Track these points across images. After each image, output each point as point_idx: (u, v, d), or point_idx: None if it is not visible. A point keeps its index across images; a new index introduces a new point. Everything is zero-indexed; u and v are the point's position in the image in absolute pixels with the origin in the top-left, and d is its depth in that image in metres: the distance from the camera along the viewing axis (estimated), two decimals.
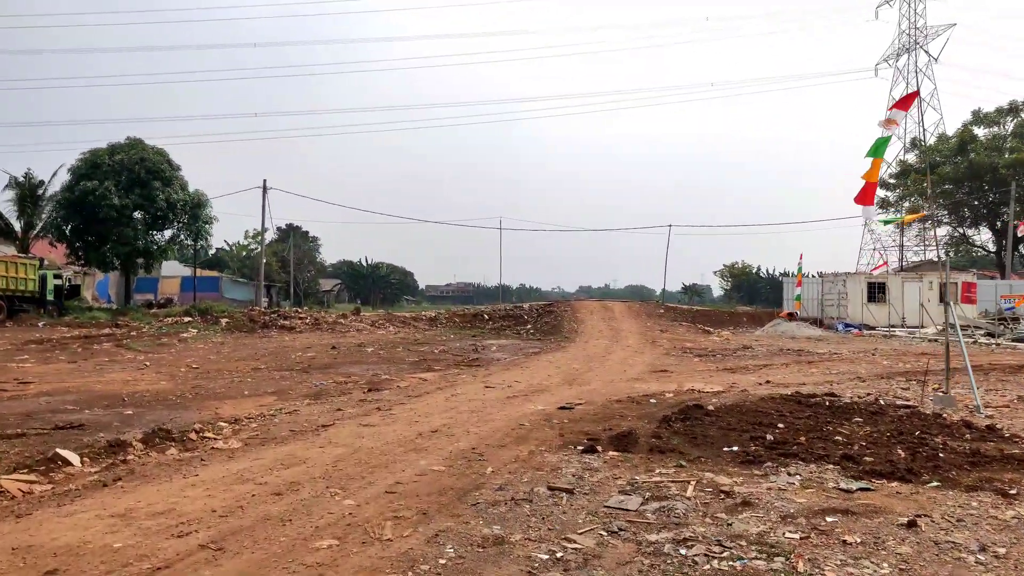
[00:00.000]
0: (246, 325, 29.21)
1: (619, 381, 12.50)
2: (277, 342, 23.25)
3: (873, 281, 32.18)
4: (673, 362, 15.97)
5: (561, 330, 28.46)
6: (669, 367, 14.80)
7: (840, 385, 11.79)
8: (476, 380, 12.67)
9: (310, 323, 30.91)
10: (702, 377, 13.13)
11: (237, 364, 16.34)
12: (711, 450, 6.62)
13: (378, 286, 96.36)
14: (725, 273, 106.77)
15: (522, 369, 14.51)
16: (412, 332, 29.54)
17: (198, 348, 21.10)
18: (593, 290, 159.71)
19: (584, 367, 14.92)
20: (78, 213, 35.39)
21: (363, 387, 11.89)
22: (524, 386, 11.73)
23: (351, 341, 23.52)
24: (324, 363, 16.41)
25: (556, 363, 15.82)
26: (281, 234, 74.29)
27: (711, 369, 14.35)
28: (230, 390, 11.78)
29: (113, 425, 8.50)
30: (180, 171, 38.30)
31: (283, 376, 13.77)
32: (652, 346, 21.39)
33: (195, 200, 37.96)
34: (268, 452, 6.75)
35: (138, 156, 36.40)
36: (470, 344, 23.54)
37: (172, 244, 38.43)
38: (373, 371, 14.94)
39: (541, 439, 7.14)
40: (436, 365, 16.03)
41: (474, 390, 11.22)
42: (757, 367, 14.55)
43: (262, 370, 15.02)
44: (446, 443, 6.98)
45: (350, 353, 18.96)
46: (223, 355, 18.78)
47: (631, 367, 14.87)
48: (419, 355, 18.66)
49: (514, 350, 21.14)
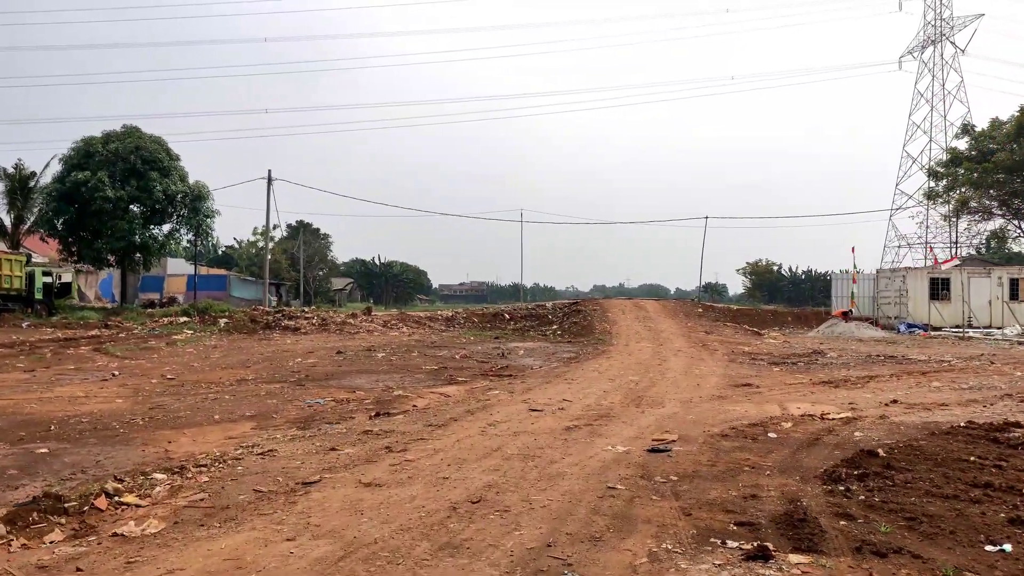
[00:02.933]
0: (246, 326, 26.61)
1: (700, 401, 9.68)
2: (276, 345, 20.60)
3: (936, 277, 29.07)
4: (749, 372, 13.11)
5: (593, 331, 25.62)
6: (749, 379, 11.95)
7: (996, 408, 8.92)
8: (514, 398, 9.89)
9: (316, 324, 28.24)
10: (800, 394, 10.30)
11: (222, 373, 13.67)
12: (956, 546, 3.83)
13: (391, 285, 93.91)
14: (748, 271, 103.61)
15: (566, 382, 11.71)
16: (428, 333, 26.83)
17: (185, 352, 18.48)
18: (608, 289, 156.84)
19: (643, 379, 12.11)
20: (70, 206, 32.96)
21: (369, 409, 9.14)
22: (579, 408, 8.94)
23: (360, 344, 20.82)
24: (325, 372, 13.71)
25: (605, 373, 13.01)
26: (291, 231, 71.83)
27: (804, 383, 11.49)
28: (198, 412, 9.08)
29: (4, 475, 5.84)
30: (179, 161, 35.81)
31: (272, 391, 11.06)
32: (706, 350, 18.52)
33: (195, 192, 35.43)
34: (200, 549, 4.00)
35: (133, 145, 33.91)
36: (493, 347, 20.79)
37: (171, 239, 35.92)
38: (383, 383, 12.22)
39: (656, 521, 4.33)
40: (459, 375, 13.28)
41: (516, 415, 8.44)
42: (860, 379, 11.68)
43: (249, 382, 12.33)
44: (498, 530, 4.20)
45: (357, 359, 16.25)
46: (210, 361, 16.13)
47: (702, 379, 12.03)
48: (438, 361, 15.91)
49: (545, 355, 18.36)
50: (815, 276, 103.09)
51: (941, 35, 62.25)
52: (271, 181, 35.28)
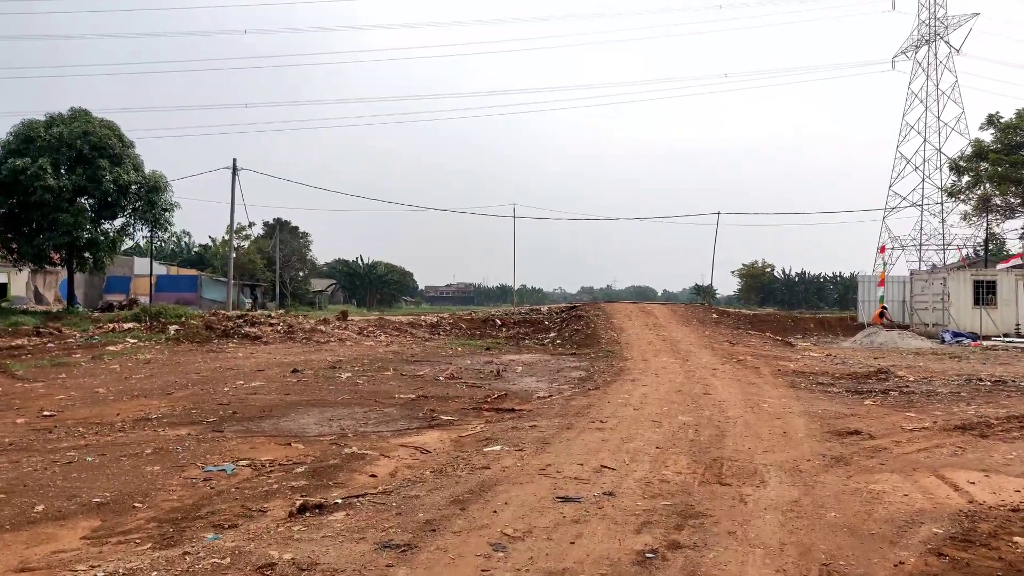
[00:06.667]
0: (199, 334, 23.03)
1: (812, 468, 6.30)
2: (225, 360, 17.09)
3: (981, 279, 25.93)
4: (834, 408, 9.72)
5: (598, 340, 22.24)
6: (846, 420, 8.60)
7: None
8: (526, 464, 6.47)
9: (282, 331, 24.70)
10: (945, 452, 6.97)
11: (127, 406, 10.18)
12: None
13: (375, 286, 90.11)
14: (743, 273, 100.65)
15: (596, 428, 8.29)
16: (409, 343, 23.36)
17: (106, 370, 14.95)
18: (596, 291, 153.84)
19: (699, 420, 8.73)
20: (8, 197, 29.18)
21: (296, 488, 5.70)
22: (635, 490, 5.55)
23: (325, 358, 17.35)
24: (264, 405, 10.23)
25: (643, 410, 9.62)
26: (268, 229, 67.96)
27: (929, 428, 8.13)
28: (22, 493, 5.63)
29: None
30: (133, 148, 32.09)
31: (170, 441, 7.58)
32: (746, 369, 15.19)
33: (151, 183, 31.68)
34: None
35: (81, 129, 30.09)
36: (485, 361, 17.39)
37: (123, 234, 32.19)
38: (338, 423, 8.78)
39: None
40: (444, 409, 9.85)
41: (538, 510, 5.01)
42: (1003, 422, 8.36)
43: (151, 423, 8.85)
44: None
45: (314, 382, 12.78)
46: (125, 385, 12.61)
47: (783, 421, 8.65)
48: (416, 385, 12.47)
49: (549, 373, 14.98)
50: (808, 278, 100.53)
51: (935, 34, 60.95)
52: (236, 171, 31.66)
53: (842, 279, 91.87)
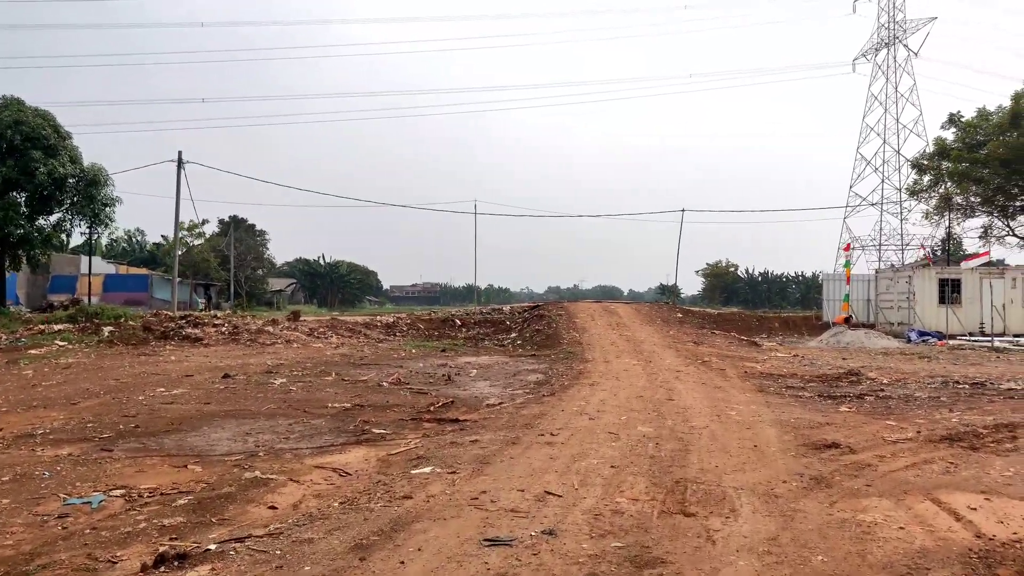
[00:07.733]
0: (136, 336, 21.55)
1: (788, 492, 5.41)
2: (153, 364, 15.77)
3: (946, 278, 25.63)
4: (808, 416, 8.90)
5: (560, 341, 21.35)
6: (822, 430, 7.77)
7: None
8: (457, 490, 5.47)
9: (227, 332, 23.32)
10: (935, 468, 6.16)
11: (15, 419, 8.92)
12: None
13: (337, 286, 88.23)
14: (707, 272, 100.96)
15: (545, 443, 7.32)
16: (361, 344, 22.19)
17: (20, 375, 13.59)
18: (563, 291, 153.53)
19: (661, 432, 7.82)
20: None
21: (160, 535, 4.60)
22: (580, 525, 4.59)
23: (264, 361, 16.15)
24: (177, 415, 9.06)
25: (600, 420, 8.68)
26: (223, 227, 65.83)
27: (913, 439, 7.33)
28: None
29: None
30: (71, 139, 30.30)
31: (43, 463, 6.40)
32: (711, 371, 14.39)
33: (90, 176, 29.95)
34: None
35: (12, 119, 28.26)
36: (439, 364, 16.36)
37: (59, 230, 30.39)
38: (253, 439, 7.68)
39: None
40: (378, 420, 8.80)
41: (457, 565, 3.99)
42: (991, 430, 7.60)
43: (34, 440, 7.64)
44: None
45: (242, 390, 11.60)
46: (31, 393, 11.30)
47: (752, 432, 7.77)
48: (355, 392, 11.38)
49: (504, 377, 14.01)
50: (771, 278, 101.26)
51: (894, 38, 62.02)
52: (181, 164, 30.06)
53: (804, 278, 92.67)
